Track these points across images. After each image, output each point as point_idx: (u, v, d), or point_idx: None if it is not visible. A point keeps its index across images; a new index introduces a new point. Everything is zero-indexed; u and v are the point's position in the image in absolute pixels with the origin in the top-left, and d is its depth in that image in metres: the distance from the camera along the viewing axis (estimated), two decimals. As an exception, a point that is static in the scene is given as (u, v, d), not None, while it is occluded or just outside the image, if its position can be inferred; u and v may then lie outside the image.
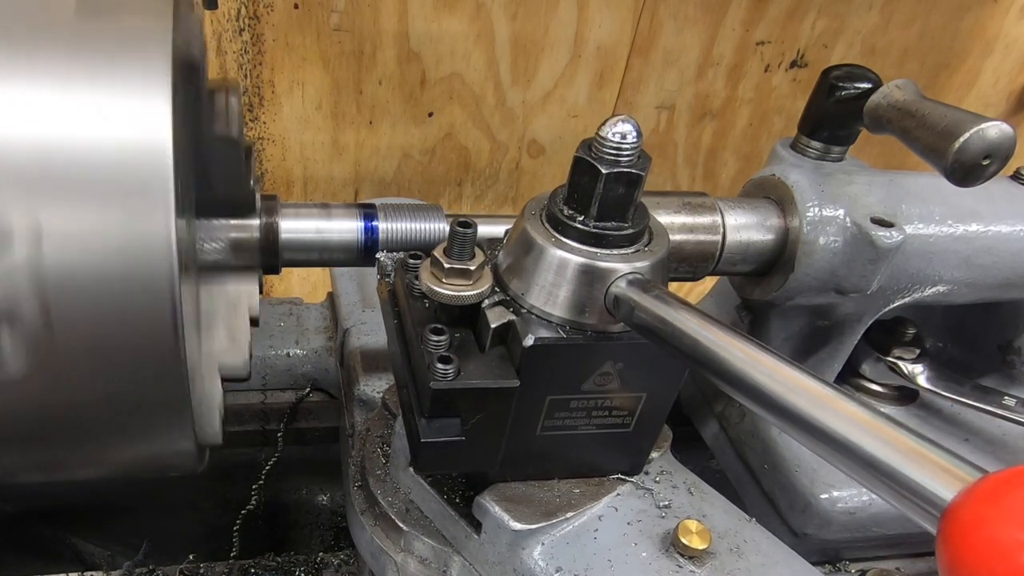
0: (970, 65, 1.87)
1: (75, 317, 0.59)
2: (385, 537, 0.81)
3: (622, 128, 0.62)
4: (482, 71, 1.58)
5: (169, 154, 0.58)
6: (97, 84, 0.58)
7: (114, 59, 0.59)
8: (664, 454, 0.81)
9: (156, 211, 0.58)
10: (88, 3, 0.61)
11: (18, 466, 0.71)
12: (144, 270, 0.59)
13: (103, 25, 0.61)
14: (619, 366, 0.67)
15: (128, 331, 0.61)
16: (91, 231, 0.58)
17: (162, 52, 0.60)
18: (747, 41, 1.67)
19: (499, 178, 1.75)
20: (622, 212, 0.64)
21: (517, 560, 0.72)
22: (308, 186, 1.66)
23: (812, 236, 0.89)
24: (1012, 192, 0.99)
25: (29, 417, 0.63)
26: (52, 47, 0.58)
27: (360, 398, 0.98)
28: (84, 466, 0.73)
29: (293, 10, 1.42)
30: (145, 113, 0.58)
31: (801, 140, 0.99)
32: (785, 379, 0.48)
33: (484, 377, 0.64)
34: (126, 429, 0.67)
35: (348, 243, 0.86)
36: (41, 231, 0.57)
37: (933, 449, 0.39)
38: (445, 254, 0.66)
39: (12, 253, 0.56)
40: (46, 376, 0.61)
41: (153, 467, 0.74)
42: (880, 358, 1.08)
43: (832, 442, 0.43)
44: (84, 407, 0.64)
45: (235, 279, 0.87)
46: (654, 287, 0.61)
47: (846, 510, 0.98)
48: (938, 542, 0.35)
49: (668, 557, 0.71)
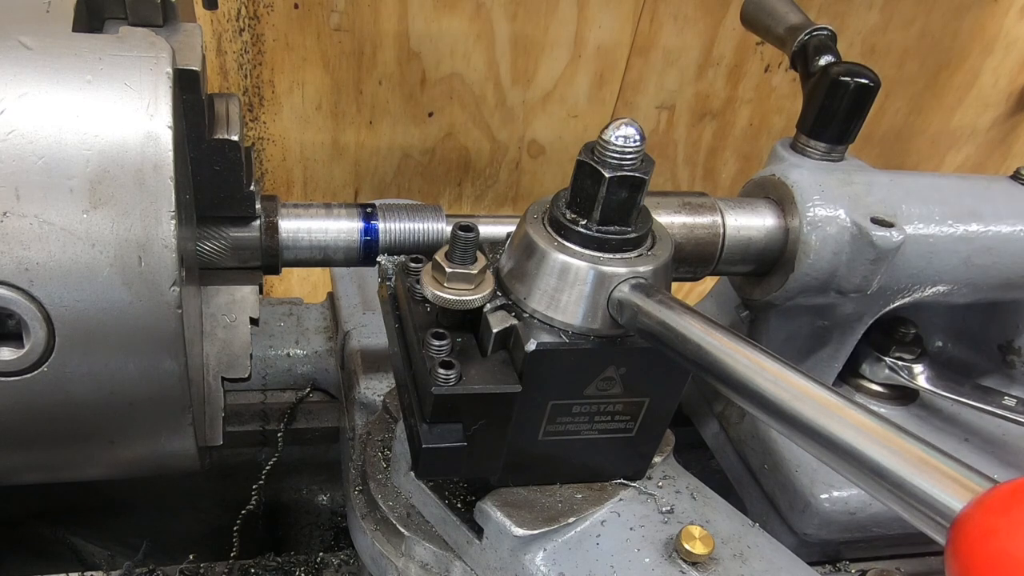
0: (970, 65, 1.87)
1: (76, 318, 0.59)
2: (386, 542, 0.81)
3: (625, 131, 0.62)
4: (482, 71, 1.58)
5: (170, 156, 0.58)
6: (100, 89, 0.58)
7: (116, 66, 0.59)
8: (667, 459, 0.80)
9: (157, 213, 0.58)
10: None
11: (19, 466, 0.71)
12: (145, 271, 0.59)
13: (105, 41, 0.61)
14: (622, 371, 0.67)
15: (129, 332, 0.61)
16: (93, 233, 0.57)
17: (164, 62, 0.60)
18: (747, 41, 1.67)
19: (499, 178, 1.75)
20: (625, 216, 0.64)
21: (519, 566, 0.72)
22: (308, 186, 1.66)
23: (812, 236, 0.88)
24: (1012, 192, 0.99)
25: (30, 417, 0.63)
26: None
27: (360, 401, 0.98)
28: (85, 466, 0.73)
29: (293, 10, 1.42)
30: (146, 117, 0.58)
31: (801, 140, 0.99)
32: (791, 386, 0.47)
33: (486, 382, 0.64)
34: (127, 430, 0.67)
35: (348, 243, 0.86)
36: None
37: (942, 458, 0.39)
38: (447, 258, 0.66)
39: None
40: (48, 377, 0.61)
41: (155, 467, 0.74)
42: (880, 358, 1.08)
43: (838, 450, 0.43)
44: (85, 408, 0.64)
45: (235, 279, 0.87)
46: (657, 291, 0.61)
47: (846, 510, 0.98)
48: (947, 552, 0.35)
49: (671, 563, 0.71)
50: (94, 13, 0.67)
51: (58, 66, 0.58)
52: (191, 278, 0.72)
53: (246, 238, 0.83)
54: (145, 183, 0.58)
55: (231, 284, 0.88)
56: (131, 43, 0.61)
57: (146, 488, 1.24)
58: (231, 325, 0.86)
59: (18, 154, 0.56)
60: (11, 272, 0.57)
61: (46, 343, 0.59)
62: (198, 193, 0.76)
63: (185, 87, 0.67)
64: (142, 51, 0.60)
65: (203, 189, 0.76)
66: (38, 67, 0.57)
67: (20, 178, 0.56)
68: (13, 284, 0.57)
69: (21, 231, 0.56)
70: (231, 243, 0.83)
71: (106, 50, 0.60)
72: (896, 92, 1.87)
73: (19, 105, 0.56)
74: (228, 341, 0.86)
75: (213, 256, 0.83)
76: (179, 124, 0.62)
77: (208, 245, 0.82)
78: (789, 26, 1.03)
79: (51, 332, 0.59)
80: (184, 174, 0.68)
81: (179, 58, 0.64)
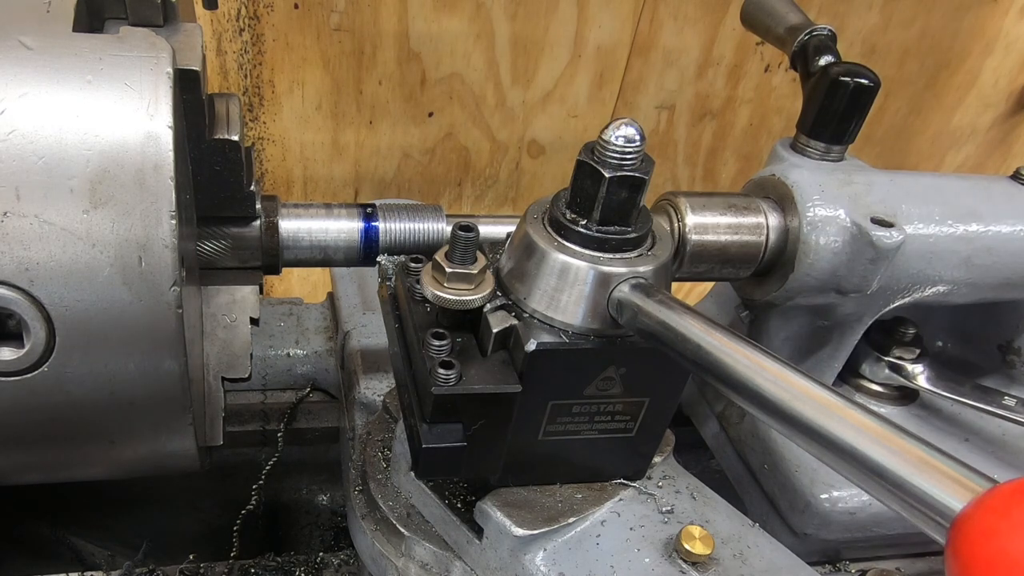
0: (970, 65, 1.87)
1: (77, 318, 0.59)
2: (386, 542, 0.81)
3: (625, 131, 0.62)
4: (482, 71, 1.58)
5: (170, 156, 0.58)
6: (100, 89, 0.58)
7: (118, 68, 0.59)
8: (667, 459, 0.80)
9: (157, 213, 0.58)
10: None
11: (19, 466, 0.71)
12: (145, 271, 0.59)
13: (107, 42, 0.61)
14: (622, 371, 0.67)
15: (130, 332, 0.61)
16: (93, 233, 0.57)
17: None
18: (747, 41, 1.67)
19: (499, 178, 1.75)
20: (625, 216, 0.64)
21: (519, 566, 0.72)
22: (308, 186, 1.66)
23: (812, 236, 0.88)
24: (1012, 192, 0.99)
25: (30, 417, 0.63)
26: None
27: (361, 401, 0.98)
28: (85, 466, 0.73)
29: (293, 10, 1.42)
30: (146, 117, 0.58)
31: (801, 140, 0.99)
32: (791, 386, 0.47)
33: (486, 382, 0.64)
34: (127, 430, 0.67)
35: (348, 243, 0.86)
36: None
37: (942, 458, 0.39)
38: (447, 258, 0.66)
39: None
40: (48, 377, 0.61)
41: (155, 467, 0.74)
42: (880, 358, 1.08)
43: (838, 450, 0.43)
44: (85, 408, 0.64)
45: (235, 279, 0.87)
46: (657, 291, 0.61)
47: (846, 510, 0.98)
48: (947, 552, 0.35)
49: (671, 563, 0.71)
50: (94, 13, 0.67)
51: (58, 66, 0.58)
52: (191, 278, 0.72)
53: (246, 238, 0.83)
54: (145, 183, 0.58)
55: (231, 284, 0.88)
56: (131, 43, 0.61)
57: (146, 488, 1.24)
58: (231, 325, 0.87)
59: (18, 154, 0.56)
60: (11, 272, 0.57)
61: (46, 343, 0.59)
62: (198, 193, 0.76)
63: (185, 87, 0.67)
64: (142, 51, 0.60)
65: (203, 189, 0.76)
66: (38, 67, 0.57)
67: (20, 178, 0.56)
68: (13, 284, 0.57)
69: (21, 231, 0.56)
70: (231, 243, 0.83)
71: (106, 50, 0.60)
72: (896, 92, 1.87)
73: (19, 105, 0.56)
74: (228, 341, 0.86)
75: (213, 256, 0.83)
76: (179, 124, 0.62)
77: (208, 245, 0.82)
78: (789, 26, 1.02)
79: (51, 332, 0.59)
80: (184, 174, 0.68)
81: (179, 58, 0.64)
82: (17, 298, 0.57)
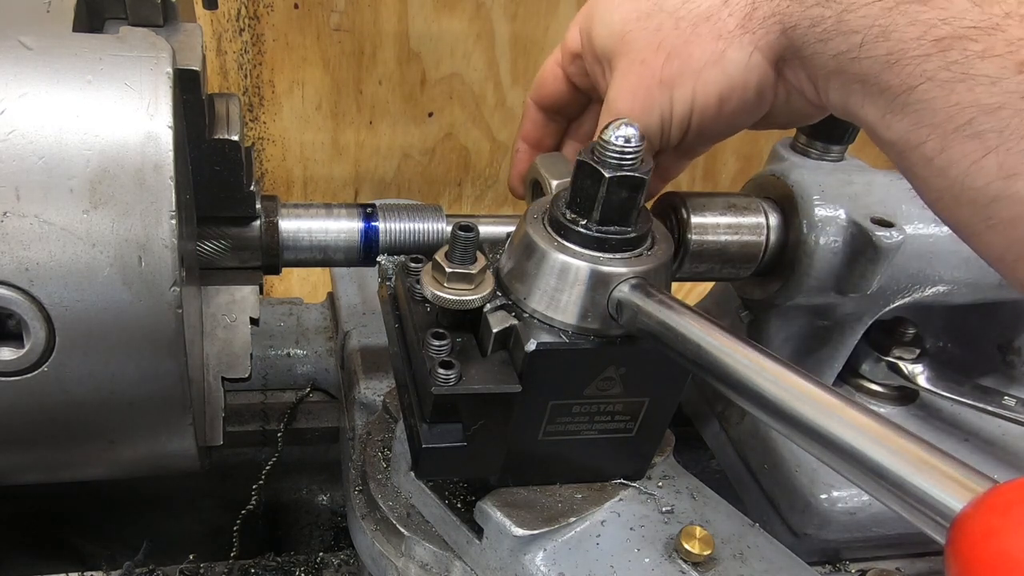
0: (970, 64, 1.87)
1: (77, 318, 0.59)
2: (386, 542, 0.81)
3: (625, 132, 0.62)
4: (482, 71, 1.58)
5: (170, 156, 0.58)
6: (100, 89, 0.58)
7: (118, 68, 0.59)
8: (667, 459, 0.80)
9: (157, 213, 0.58)
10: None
11: (19, 466, 0.71)
12: (145, 271, 0.59)
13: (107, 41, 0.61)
14: (622, 371, 0.67)
15: (129, 332, 0.61)
16: (93, 233, 0.57)
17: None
18: (747, 40, 1.66)
19: (499, 178, 1.75)
20: (625, 216, 0.64)
21: (519, 566, 0.72)
22: (308, 186, 1.66)
23: (812, 236, 0.88)
24: (1013, 193, 0.99)
25: (30, 417, 0.63)
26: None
27: (360, 401, 0.98)
28: (85, 466, 0.73)
29: (293, 10, 1.42)
30: (146, 117, 0.58)
31: (801, 140, 0.99)
32: (791, 386, 0.47)
33: (486, 382, 0.64)
34: (127, 430, 0.67)
35: (348, 243, 0.86)
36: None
37: (942, 458, 0.39)
38: (447, 258, 0.66)
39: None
40: (48, 377, 0.61)
41: (155, 467, 0.74)
42: (880, 358, 1.08)
43: (838, 450, 0.43)
44: (85, 408, 0.64)
45: (235, 279, 0.87)
46: (657, 291, 0.61)
47: (846, 510, 0.98)
48: (947, 552, 0.35)
49: (671, 563, 0.71)
50: (94, 13, 0.67)
51: (58, 66, 0.58)
52: (191, 278, 0.72)
53: (246, 238, 0.83)
54: (145, 183, 0.58)
55: (231, 284, 0.88)
56: (131, 43, 0.61)
57: (146, 488, 1.24)
58: (231, 325, 0.87)
59: (18, 154, 0.56)
60: (11, 272, 0.57)
61: (46, 343, 0.59)
62: (198, 193, 0.76)
63: (185, 87, 0.67)
64: (142, 51, 0.60)
65: (203, 189, 0.76)
66: (38, 67, 0.57)
67: (20, 178, 0.56)
68: (13, 284, 0.57)
69: (21, 231, 0.56)
70: (231, 243, 0.83)
71: (106, 50, 0.60)
72: (896, 92, 1.86)
73: (19, 105, 0.56)
74: (228, 341, 0.86)
75: (213, 256, 0.83)
76: (179, 124, 0.62)
77: (208, 245, 0.82)
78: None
79: (51, 332, 0.59)
80: (184, 174, 0.68)
81: (179, 58, 0.64)
82: (17, 298, 0.57)
